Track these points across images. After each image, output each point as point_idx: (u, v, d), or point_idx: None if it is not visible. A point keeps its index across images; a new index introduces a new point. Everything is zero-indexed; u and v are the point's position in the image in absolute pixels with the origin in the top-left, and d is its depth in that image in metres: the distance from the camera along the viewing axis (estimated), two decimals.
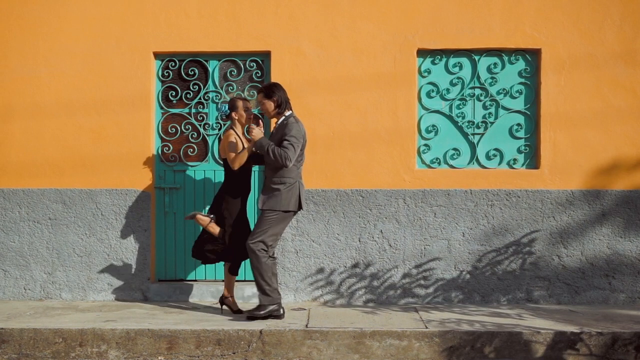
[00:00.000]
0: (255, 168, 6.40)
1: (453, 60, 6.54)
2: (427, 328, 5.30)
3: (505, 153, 6.52)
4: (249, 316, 5.60)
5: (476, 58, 6.52)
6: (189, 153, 6.60)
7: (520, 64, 6.53)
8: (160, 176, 6.59)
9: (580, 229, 6.40)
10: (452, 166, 6.53)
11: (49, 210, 6.50)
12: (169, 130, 6.62)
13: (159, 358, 5.19)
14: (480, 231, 6.41)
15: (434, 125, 6.53)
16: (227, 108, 5.88)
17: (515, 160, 6.51)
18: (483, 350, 5.15)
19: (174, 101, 6.65)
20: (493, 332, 5.19)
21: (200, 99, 6.61)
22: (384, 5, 6.44)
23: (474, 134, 6.53)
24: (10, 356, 5.21)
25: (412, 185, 6.43)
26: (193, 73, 6.60)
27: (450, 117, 6.54)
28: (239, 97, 6.05)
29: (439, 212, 6.42)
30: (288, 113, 5.66)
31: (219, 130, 6.59)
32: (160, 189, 6.59)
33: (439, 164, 6.54)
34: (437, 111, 6.55)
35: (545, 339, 5.15)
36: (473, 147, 6.53)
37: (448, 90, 6.53)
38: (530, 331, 5.19)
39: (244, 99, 5.94)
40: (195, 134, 6.60)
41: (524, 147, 6.52)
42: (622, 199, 6.39)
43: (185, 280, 6.60)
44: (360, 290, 6.43)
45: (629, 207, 6.38)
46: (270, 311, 5.59)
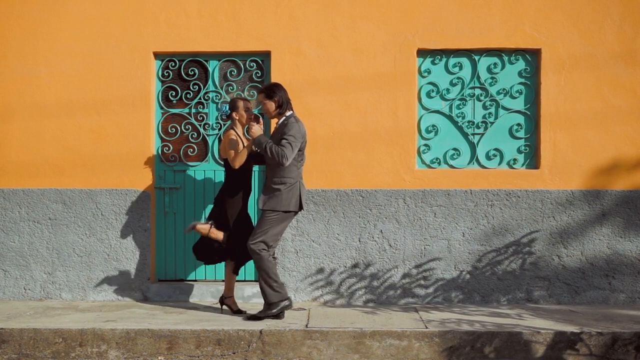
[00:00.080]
0: (256, 168, 6.40)
1: (453, 60, 6.54)
2: (427, 328, 5.29)
3: (505, 153, 6.52)
4: (260, 316, 5.57)
5: (476, 58, 6.52)
6: (189, 153, 6.60)
7: (520, 64, 6.53)
8: (160, 176, 6.59)
9: (580, 229, 6.40)
10: (452, 166, 6.53)
11: (49, 210, 6.50)
12: (169, 130, 6.62)
13: (159, 358, 5.19)
14: (480, 231, 6.41)
15: (434, 125, 6.53)
16: (228, 108, 5.88)
17: (515, 160, 6.51)
18: (483, 350, 5.15)
19: (174, 101, 6.65)
20: (493, 332, 5.19)
21: (200, 99, 6.61)
22: (384, 5, 6.44)
23: (474, 134, 6.53)
24: (10, 356, 5.21)
25: (412, 185, 6.43)
26: (193, 73, 6.60)
27: (450, 117, 6.54)
28: (240, 97, 6.05)
29: (439, 212, 6.42)
30: (289, 113, 5.65)
31: (219, 130, 6.59)
32: (160, 189, 6.59)
33: (439, 164, 6.54)
34: (437, 111, 6.55)
35: (545, 339, 5.15)
36: (473, 147, 6.53)
37: (448, 90, 6.53)
38: (530, 331, 5.19)
39: (245, 99, 5.95)
40: (195, 134, 6.60)
41: (524, 147, 6.52)
42: (622, 199, 6.39)
43: (185, 280, 6.61)
44: (360, 290, 6.43)
45: (629, 207, 6.38)
46: (283, 307, 5.57)
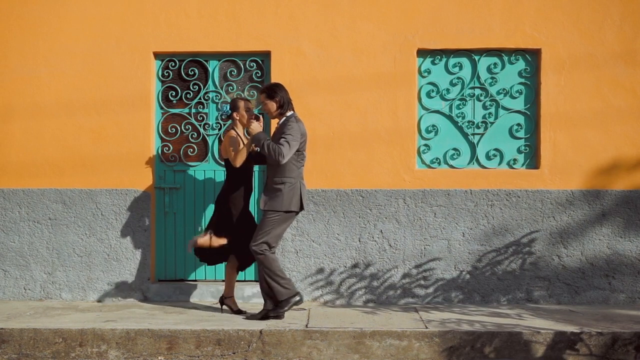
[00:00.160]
0: (256, 168, 6.40)
1: (453, 60, 6.54)
2: (427, 328, 5.29)
3: (505, 153, 6.52)
4: (272, 315, 5.57)
5: (476, 58, 6.52)
6: (189, 153, 6.60)
7: (520, 64, 6.53)
8: (160, 176, 6.59)
9: (580, 229, 6.40)
10: (452, 166, 6.53)
11: (49, 210, 6.50)
12: (169, 130, 6.62)
13: (159, 358, 5.19)
14: (480, 231, 6.41)
15: (434, 125, 6.53)
16: (229, 108, 5.88)
17: (515, 160, 6.51)
18: (483, 350, 5.15)
19: (174, 101, 6.65)
20: (493, 332, 5.19)
21: (200, 99, 6.61)
22: (384, 5, 6.44)
23: (474, 134, 6.52)
24: (10, 356, 5.21)
25: (412, 185, 6.43)
26: (193, 73, 6.59)
27: (450, 117, 6.54)
28: (241, 98, 6.05)
29: (439, 212, 6.42)
30: (289, 113, 5.65)
31: (219, 130, 6.59)
32: (160, 189, 6.59)
33: (439, 164, 6.53)
34: (437, 111, 6.54)
35: (545, 339, 5.14)
36: (473, 147, 6.53)
37: (448, 90, 6.53)
38: (530, 331, 5.19)
39: (246, 99, 5.95)
40: (195, 134, 6.60)
41: (524, 147, 6.52)
42: (622, 199, 6.39)
43: (185, 280, 6.60)
44: (360, 290, 6.43)
45: (629, 207, 6.38)
46: (295, 303, 5.56)
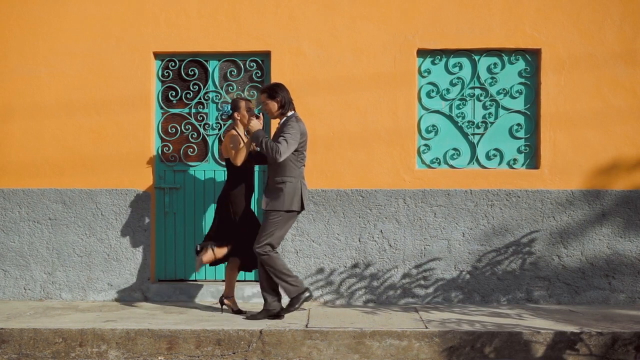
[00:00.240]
0: (257, 168, 6.39)
1: (453, 60, 6.54)
2: (427, 328, 5.29)
3: (505, 153, 6.52)
4: (282, 315, 5.61)
5: (476, 58, 6.52)
6: (189, 153, 6.60)
7: (520, 64, 6.53)
8: (160, 176, 6.59)
9: (580, 229, 6.40)
10: (452, 166, 6.53)
11: (49, 210, 6.50)
12: (169, 130, 6.62)
13: (159, 358, 5.19)
14: (480, 231, 6.41)
15: (434, 125, 6.53)
16: (230, 108, 5.89)
17: (515, 160, 6.51)
18: (483, 350, 5.15)
19: (174, 101, 6.65)
20: (493, 332, 5.19)
21: (200, 99, 6.61)
22: (384, 5, 6.44)
23: (474, 134, 6.52)
24: (10, 356, 5.21)
25: (412, 185, 6.43)
26: (193, 73, 6.59)
27: (450, 117, 6.54)
28: (242, 98, 6.05)
29: (439, 212, 6.42)
30: (290, 113, 5.66)
31: (219, 130, 6.59)
32: (160, 189, 6.58)
33: (439, 164, 6.53)
34: (437, 111, 6.54)
35: (545, 339, 5.14)
36: (473, 147, 6.53)
37: (448, 90, 6.53)
38: (530, 331, 5.19)
39: (247, 99, 5.96)
40: (195, 134, 6.60)
41: (524, 147, 6.52)
42: (622, 199, 6.38)
43: (185, 280, 6.60)
44: (360, 290, 6.43)
45: (629, 207, 6.38)
46: (305, 299, 5.58)
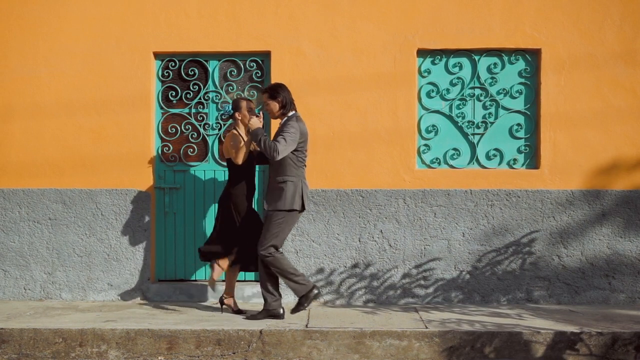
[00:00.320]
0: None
1: (453, 60, 6.54)
2: (427, 328, 5.29)
3: (505, 153, 6.52)
4: (293, 314, 5.65)
5: (476, 58, 6.52)
6: (189, 153, 6.60)
7: (520, 64, 6.53)
8: (160, 176, 6.59)
9: (580, 229, 6.40)
10: (452, 166, 6.53)
11: (49, 210, 6.50)
12: (169, 130, 6.62)
13: (159, 358, 5.19)
14: (480, 231, 6.41)
15: (434, 125, 6.53)
16: (231, 108, 5.89)
17: (515, 160, 6.51)
18: (483, 350, 5.15)
19: (174, 101, 6.65)
20: (493, 332, 5.19)
21: (200, 99, 6.61)
22: (384, 5, 6.44)
23: (474, 134, 6.52)
24: (10, 356, 5.21)
25: (412, 185, 6.43)
26: (193, 73, 6.59)
27: (450, 117, 6.54)
28: (243, 98, 6.06)
29: (439, 212, 6.42)
30: (291, 113, 5.66)
31: (219, 130, 6.59)
32: (160, 189, 6.59)
33: (439, 164, 6.53)
34: (437, 111, 6.54)
35: (545, 339, 5.14)
36: (473, 147, 6.53)
37: (448, 90, 6.53)
38: (530, 331, 5.19)
39: (248, 100, 5.96)
40: (195, 134, 6.60)
41: (524, 147, 6.52)
42: (622, 199, 6.39)
43: (185, 280, 6.61)
44: (360, 290, 6.43)
45: (629, 207, 6.38)
46: (314, 296, 5.60)
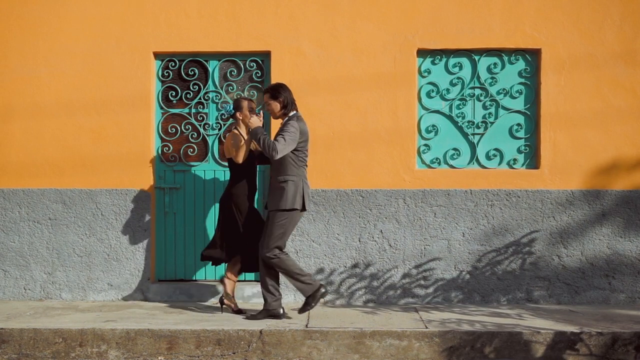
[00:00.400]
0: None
1: (453, 60, 6.54)
2: (427, 328, 5.29)
3: (505, 153, 6.52)
4: (300, 314, 5.66)
5: (476, 58, 6.52)
6: (189, 153, 6.60)
7: (520, 64, 6.53)
8: (160, 176, 6.59)
9: (580, 229, 6.40)
10: (452, 166, 6.53)
11: (49, 210, 6.50)
12: (169, 130, 6.62)
13: (159, 358, 5.19)
14: (480, 231, 6.41)
15: (434, 125, 6.53)
16: (232, 108, 5.89)
17: (515, 160, 6.51)
18: (483, 350, 5.15)
19: (174, 101, 6.65)
20: (493, 332, 5.19)
21: (200, 99, 6.61)
22: (384, 5, 6.44)
23: (474, 134, 6.52)
24: (10, 356, 5.21)
25: (412, 185, 6.43)
26: (193, 73, 6.59)
27: (450, 117, 6.54)
28: (244, 97, 6.06)
29: (439, 212, 6.42)
30: (292, 113, 5.67)
31: (219, 130, 6.59)
32: (160, 189, 6.58)
33: (439, 164, 6.53)
34: (437, 111, 6.54)
35: (545, 339, 5.14)
36: (473, 147, 6.53)
37: (448, 90, 6.53)
38: (530, 331, 5.19)
39: (249, 99, 5.96)
40: (195, 134, 6.60)
41: (524, 147, 6.52)
42: (622, 199, 6.39)
43: (185, 280, 6.60)
44: (360, 290, 6.43)
45: (629, 207, 6.38)
46: (321, 295, 5.61)
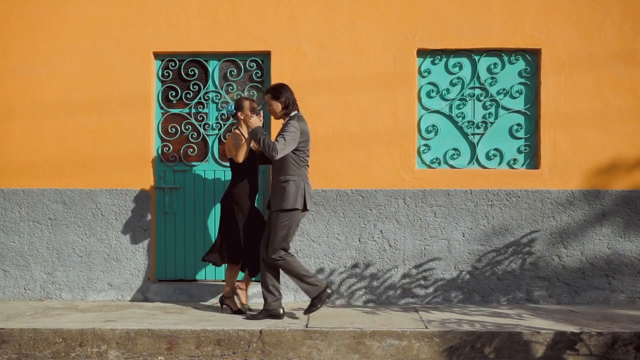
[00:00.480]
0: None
1: (453, 60, 6.54)
2: (427, 328, 5.29)
3: (505, 153, 6.52)
4: (305, 313, 5.66)
5: (476, 58, 6.52)
6: (189, 153, 6.60)
7: (520, 64, 6.53)
8: (160, 176, 6.59)
9: (580, 229, 6.40)
10: (452, 166, 6.53)
11: (49, 210, 6.50)
12: (169, 130, 6.62)
13: (159, 358, 5.19)
14: (480, 231, 6.41)
15: (434, 125, 6.53)
16: (234, 107, 5.89)
17: (515, 160, 6.51)
18: (483, 350, 5.15)
19: (174, 101, 6.65)
20: (493, 332, 5.19)
21: (200, 99, 6.61)
22: (384, 5, 6.44)
23: (474, 134, 6.52)
24: (10, 356, 5.21)
25: (412, 185, 6.43)
26: (193, 73, 6.59)
27: (450, 117, 6.54)
28: (246, 97, 6.06)
29: (439, 212, 6.42)
30: (294, 113, 5.67)
31: (219, 130, 6.59)
32: (160, 189, 6.59)
33: (439, 164, 6.53)
34: (437, 111, 6.55)
35: (545, 339, 5.15)
36: (473, 147, 6.53)
37: (448, 90, 6.53)
38: (530, 331, 5.19)
39: (251, 99, 5.95)
40: (195, 134, 6.60)
41: (524, 147, 6.52)
42: (622, 199, 6.39)
43: (185, 280, 6.61)
44: (360, 290, 6.43)
45: (629, 207, 6.38)
46: (327, 297, 5.63)
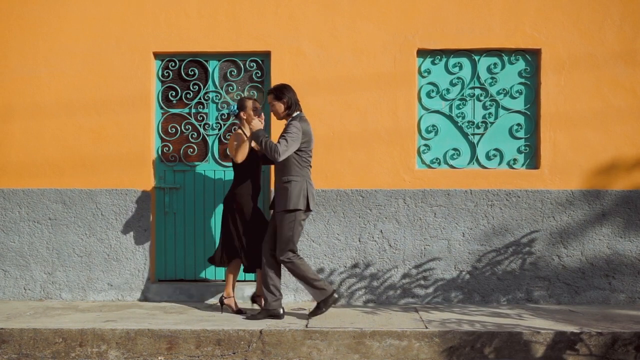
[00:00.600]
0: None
1: (453, 60, 6.54)
2: (427, 328, 5.29)
3: (505, 153, 6.52)
4: (310, 318, 5.65)
5: (476, 58, 6.52)
6: (189, 153, 6.60)
7: (520, 64, 6.53)
8: (160, 176, 6.59)
9: (580, 229, 6.40)
10: (452, 166, 6.53)
11: (49, 210, 6.50)
12: (169, 130, 6.62)
13: (159, 358, 5.19)
14: (480, 231, 6.41)
15: (434, 125, 6.53)
16: (236, 107, 5.89)
17: (515, 160, 6.51)
18: (483, 350, 5.15)
19: (174, 101, 6.65)
20: (493, 332, 5.19)
21: (200, 99, 6.61)
22: (384, 5, 6.44)
23: (474, 134, 6.52)
24: (10, 356, 5.21)
25: (412, 185, 6.43)
26: (193, 73, 6.60)
27: (450, 117, 6.54)
28: (249, 97, 6.05)
29: (439, 212, 6.42)
30: (296, 114, 5.67)
31: (219, 130, 6.59)
32: (160, 189, 6.59)
33: (439, 164, 6.53)
34: (437, 111, 6.55)
35: (545, 339, 5.15)
36: (473, 147, 6.53)
37: (448, 90, 6.53)
38: (530, 331, 5.19)
39: (254, 99, 5.95)
40: (195, 134, 6.60)
41: (524, 147, 6.52)
42: (622, 199, 6.39)
43: (185, 280, 6.61)
44: (360, 290, 6.43)
45: (629, 207, 6.38)
46: (333, 301, 5.63)
